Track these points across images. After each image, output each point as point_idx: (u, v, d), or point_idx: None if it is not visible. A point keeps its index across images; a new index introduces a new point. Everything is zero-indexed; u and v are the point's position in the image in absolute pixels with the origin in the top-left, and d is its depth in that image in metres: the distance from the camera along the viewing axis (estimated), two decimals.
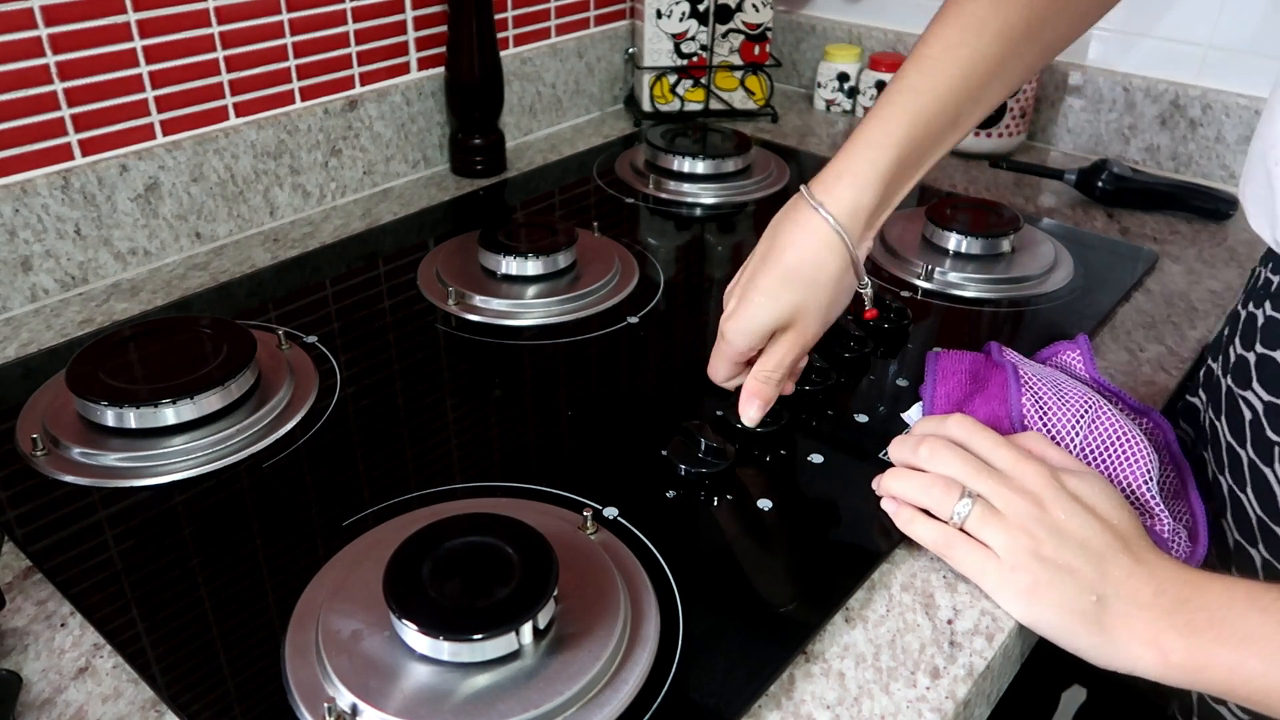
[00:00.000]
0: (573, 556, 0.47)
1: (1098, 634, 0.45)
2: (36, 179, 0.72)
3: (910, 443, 0.53)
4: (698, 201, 0.94)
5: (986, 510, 0.48)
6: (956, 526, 0.49)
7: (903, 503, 0.52)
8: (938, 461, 0.51)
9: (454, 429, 0.60)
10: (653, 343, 0.70)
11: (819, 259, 0.56)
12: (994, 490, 0.48)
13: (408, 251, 0.82)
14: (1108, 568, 0.45)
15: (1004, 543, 0.47)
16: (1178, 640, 0.42)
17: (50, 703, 0.43)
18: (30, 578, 0.50)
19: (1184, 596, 0.43)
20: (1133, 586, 0.44)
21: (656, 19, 1.11)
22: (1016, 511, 0.47)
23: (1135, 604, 0.44)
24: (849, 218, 0.56)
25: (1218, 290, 0.80)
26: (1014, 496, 0.48)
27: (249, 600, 0.47)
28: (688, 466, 0.55)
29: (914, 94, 0.56)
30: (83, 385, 0.57)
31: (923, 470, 0.51)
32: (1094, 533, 0.46)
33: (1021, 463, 0.49)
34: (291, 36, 0.85)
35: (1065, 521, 0.47)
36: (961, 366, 0.62)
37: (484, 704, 0.40)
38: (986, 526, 0.48)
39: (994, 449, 0.50)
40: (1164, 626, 0.43)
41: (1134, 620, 0.44)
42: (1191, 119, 1.01)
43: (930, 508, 0.50)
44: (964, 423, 0.52)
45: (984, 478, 0.49)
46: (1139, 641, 0.43)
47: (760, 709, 0.43)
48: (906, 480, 0.52)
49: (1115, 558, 0.45)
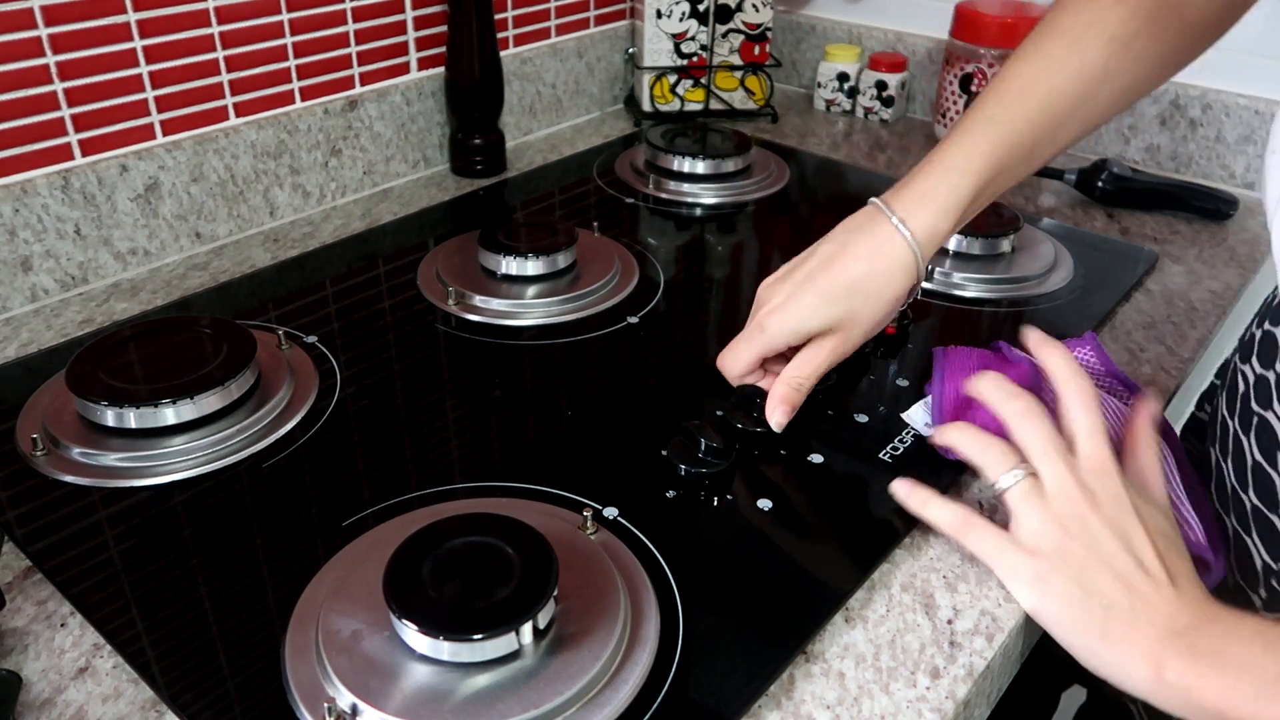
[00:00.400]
0: (573, 556, 0.47)
1: (1099, 639, 0.45)
2: (36, 179, 0.72)
3: (1007, 390, 0.51)
4: (698, 201, 0.94)
5: (1033, 489, 0.48)
6: (994, 495, 0.49)
7: (917, 484, 0.52)
8: (1023, 425, 0.49)
9: (454, 429, 0.60)
10: (653, 343, 0.70)
11: (889, 275, 0.57)
12: (1055, 474, 0.48)
13: (408, 251, 0.82)
14: (1132, 580, 0.45)
15: (1033, 525, 0.47)
16: (1175, 660, 0.42)
17: (50, 703, 0.43)
18: (30, 578, 0.50)
19: (1194, 623, 0.43)
20: (1151, 605, 0.44)
21: (656, 19, 1.11)
22: (1064, 502, 0.47)
23: (1145, 620, 0.44)
24: (926, 240, 0.57)
25: (1217, 290, 0.80)
26: (1072, 487, 0.47)
27: (249, 600, 0.47)
28: (688, 466, 0.55)
29: (994, 125, 0.57)
30: (83, 385, 0.57)
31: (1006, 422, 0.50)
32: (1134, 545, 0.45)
33: (1107, 461, 0.48)
34: (291, 36, 0.85)
35: (1110, 527, 0.46)
36: (970, 363, 0.61)
37: (484, 704, 0.40)
38: (1026, 504, 0.48)
39: (1092, 434, 0.49)
40: (1166, 646, 0.43)
41: (1137, 635, 0.44)
42: (1191, 119, 1.01)
43: (981, 466, 0.50)
44: (1087, 392, 0.50)
45: (1051, 459, 0.48)
46: (1138, 655, 0.43)
47: (760, 709, 0.43)
48: (964, 434, 0.52)
49: (1143, 575, 0.45)
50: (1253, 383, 0.54)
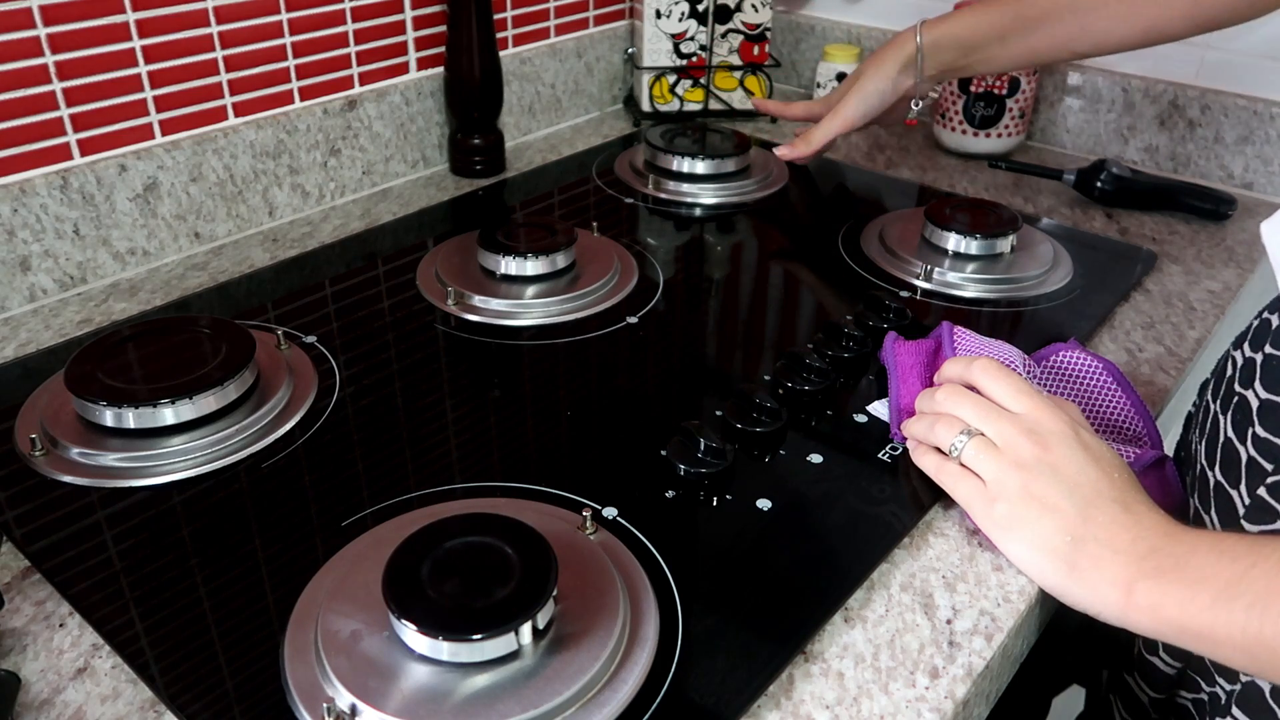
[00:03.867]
0: (572, 556, 0.47)
1: (1067, 573, 0.47)
2: (35, 179, 0.72)
3: (931, 391, 0.56)
4: (697, 201, 0.94)
5: (984, 445, 0.51)
6: (956, 461, 0.52)
7: (918, 440, 0.56)
8: (949, 403, 0.54)
9: (453, 429, 0.60)
10: (652, 343, 0.70)
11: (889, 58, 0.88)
12: (998, 429, 0.51)
13: (407, 251, 0.82)
14: (1093, 512, 0.47)
15: (993, 474, 0.50)
16: (1143, 581, 0.44)
17: (49, 703, 0.43)
18: (29, 578, 0.50)
19: (1157, 545, 0.45)
20: (1112, 532, 0.46)
21: (656, 19, 1.11)
22: (1015, 448, 0.50)
23: (1111, 548, 0.46)
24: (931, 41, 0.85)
25: (1216, 290, 0.80)
26: (1018, 435, 0.50)
27: (248, 600, 0.47)
28: (687, 466, 0.55)
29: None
30: (81, 385, 0.57)
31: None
32: (1089, 479, 0.48)
33: (1041, 408, 0.51)
34: (290, 36, 0.85)
35: (1064, 464, 0.49)
36: (917, 359, 0.63)
37: (483, 704, 0.40)
38: (979, 459, 0.51)
39: (1016, 395, 0.52)
40: (1133, 570, 0.44)
41: (1105, 563, 0.45)
42: (1190, 119, 1.01)
43: (935, 443, 0.54)
44: (988, 368, 0.54)
45: (990, 418, 0.52)
46: (1106, 582, 0.45)
47: (759, 709, 0.43)
48: (919, 421, 0.56)
49: (1104, 505, 0.47)
50: (1240, 365, 0.55)
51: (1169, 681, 0.56)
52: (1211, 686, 0.52)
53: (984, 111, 1.05)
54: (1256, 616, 0.40)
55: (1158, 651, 0.56)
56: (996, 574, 0.51)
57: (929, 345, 0.64)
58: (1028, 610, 0.49)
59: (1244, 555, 0.41)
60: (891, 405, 0.61)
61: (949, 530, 0.54)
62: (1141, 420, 0.59)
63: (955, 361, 0.57)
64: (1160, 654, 0.56)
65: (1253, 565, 0.41)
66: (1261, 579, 0.40)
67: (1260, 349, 0.53)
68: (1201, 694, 0.53)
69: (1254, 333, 0.55)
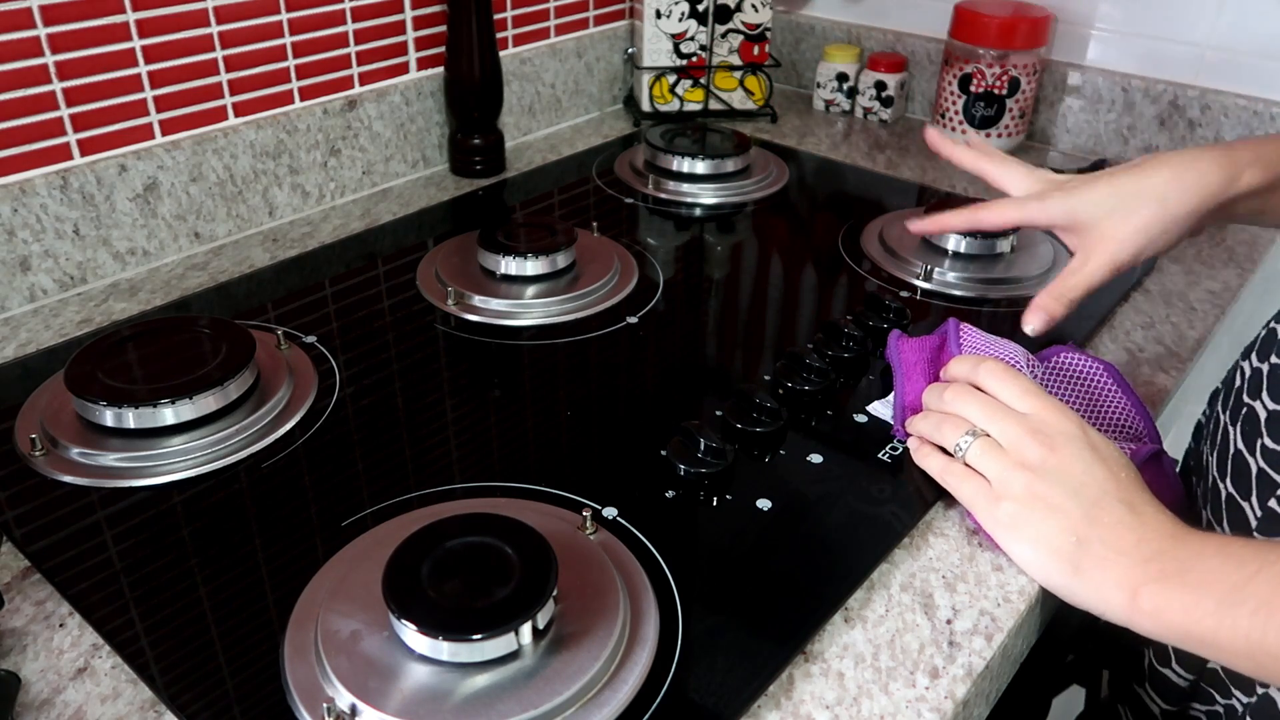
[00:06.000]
0: (572, 556, 0.47)
1: (1071, 574, 0.46)
2: (35, 179, 0.72)
3: (938, 388, 0.56)
4: (697, 201, 0.94)
5: (988, 446, 0.51)
6: (961, 461, 0.52)
7: (923, 439, 0.56)
8: (956, 404, 0.54)
9: (453, 429, 0.60)
10: (652, 343, 0.70)
11: (1184, 185, 0.58)
12: (1003, 429, 0.51)
13: (407, 251, 0.82)
14: (1098, 513, 0.47)
15: (997, 474, 0.50)
16: (1148, 585, 0.44)
17: (49, 703, 0.43)
18: (29, 578, 0.50)
19: (1163, 547, 0.45)
20: (1118, 533, 0.46)
21: (656, 19, 1.11)
22: (1020, 449, 0.50)
23: (1115, 550, 0.45)
24: (1232, 165, 0.58)
25: (1216, 290, 0.80)
26: (1024, 436, 0.50)
27: (248, 600, 0.47)
28: (687, 466, 0.55)
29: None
30: (81, 385, 0.57)
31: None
32: (1095, 479, 0.47)
33: (1048, 409, 0.51)
34: (290, 36, 0.85)
35: (1070, 464, 0.48)
36: (921, 357, 0.63)
37: (483, 704, 0.40)
38: (984, 459, 0.51)
39: (1022, 395, 0.52)
40: (1138, 574, 0.44)
41: (1110, 565, 0.45)
42: (1190, 119, 1.01)
43: (940, 442, 0.54)
44: (995, 370, 0.54)
45: (997, 418, 0.52)
46: (1111, 584, 0.45)
47: (759, 709, 0.43)
48: (925, 419, 0.56)
49: (1109, 505, 0.47)
50: (1248, 375, 0.55)
51: (1181, 694, 0.55)
52: (1227, 699, 0.52)
53: (984, 111, 1.05)
54: (1261, 622, 0.40)
55: (1170, 664, 0.55)
56: (996, 574, 0.51)
57: (934, 342, 0.64)
58: (1028, 610, 0.49)
59: (1250, 560, 0.41)
60: (896, 402, 0.61)
61: (949, 530, 0.54)
62: (1141, 421, 0.59)
63: (962, 361, 0.57)
64: (1173, 666, 0.55)
65: (1258, 571, 0.41)
66: (1267, 585, 0.40)
67: (1267, 359, 0.53)
68: (1216, 706, 0.53)
69: (1261, 343, 0.55)
